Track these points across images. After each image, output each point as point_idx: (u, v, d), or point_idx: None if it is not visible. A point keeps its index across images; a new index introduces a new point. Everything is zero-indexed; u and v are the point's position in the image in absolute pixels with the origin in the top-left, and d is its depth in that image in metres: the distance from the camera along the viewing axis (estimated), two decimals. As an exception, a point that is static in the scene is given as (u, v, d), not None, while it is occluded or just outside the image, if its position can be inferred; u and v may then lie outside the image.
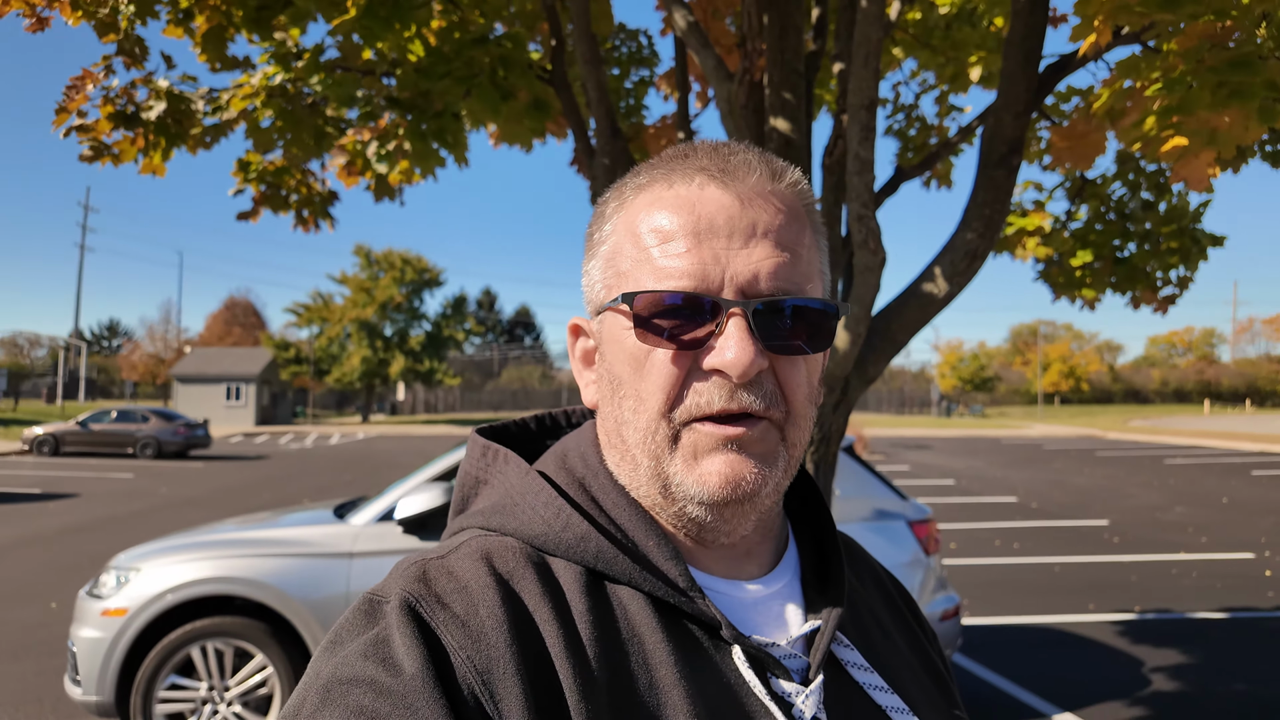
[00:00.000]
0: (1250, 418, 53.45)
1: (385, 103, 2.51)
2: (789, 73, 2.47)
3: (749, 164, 0.66)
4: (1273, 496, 15.14)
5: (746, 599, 0.68)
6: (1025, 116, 2.15)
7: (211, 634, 4.01)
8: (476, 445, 0.76)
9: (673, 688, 0.59)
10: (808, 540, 0.78)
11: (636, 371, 0.64)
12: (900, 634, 0.80)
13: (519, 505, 0.68)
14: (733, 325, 0.61)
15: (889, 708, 0.68)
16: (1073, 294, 3.49)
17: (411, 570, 0.63)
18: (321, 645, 0.61)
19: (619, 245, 0.67)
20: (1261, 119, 1.64)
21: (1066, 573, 8.76)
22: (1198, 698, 5.11)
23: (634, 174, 0.70)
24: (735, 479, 0.62)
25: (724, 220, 0.63)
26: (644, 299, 0.62)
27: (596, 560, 0.64)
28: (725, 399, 0.61)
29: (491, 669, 0.56)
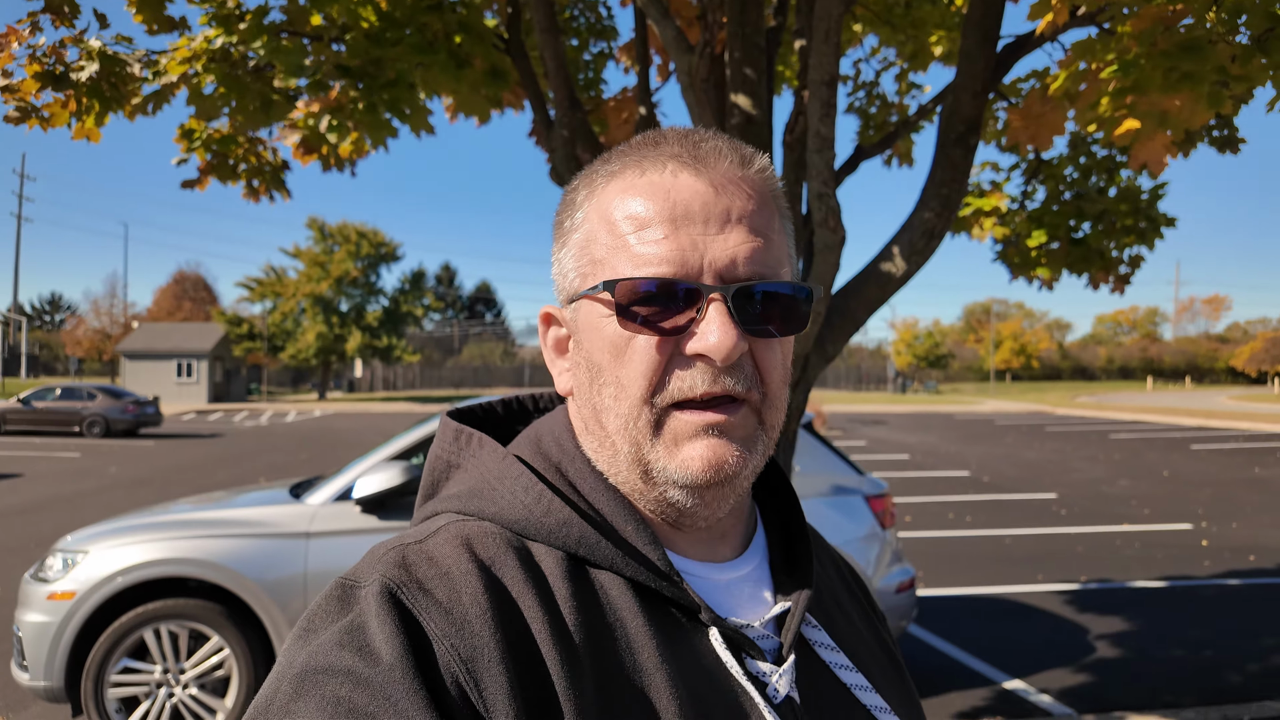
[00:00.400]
0: (1190, 394, 55.45)
1: (335, 71, 2.42)
2: (750, 47, 2.46)
3: (720, 151, 0.66)
4: (1210, 470, 15.75)
5: (720, 581, 0.69)
6: (983, 96, 2.17)
7: (165, 616, 3.93)
8: (448, 428, 0.75)
9: (655, 670, 0.60)
10: (774, 523, 0.79)
11: (617, 358, 0.65)
12: (858, 616, 0.82)
13: (497, 490, 0.67)
14: (714, 310, 0.62)
15: (854, 686, 0.70)
16: (1029, 274, 3.57)
17: (390, 555, 0.61)
18: (293, 633, 0.59)
19: (592, 233, 0.67)
20: (1210, 103, 1.68)
21: (1016, 544, 9.02)
22: (1137, 662, 5.32)
23: (603, 161, 0.70)
24: (718, 463, 0.63)
25: (699, 206, 0.63)
26: (625, 286, 0.62)
27: (579, 545, 0.64)
28: (708, 382, 0.62)
29: (476, 657, 0.55)
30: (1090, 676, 5.07)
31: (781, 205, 0.70)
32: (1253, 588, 7.21)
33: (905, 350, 66.59)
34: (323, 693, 0.53)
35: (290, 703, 0.53)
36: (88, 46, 2.45)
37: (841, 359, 68.98)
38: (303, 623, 0.60)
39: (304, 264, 45.49)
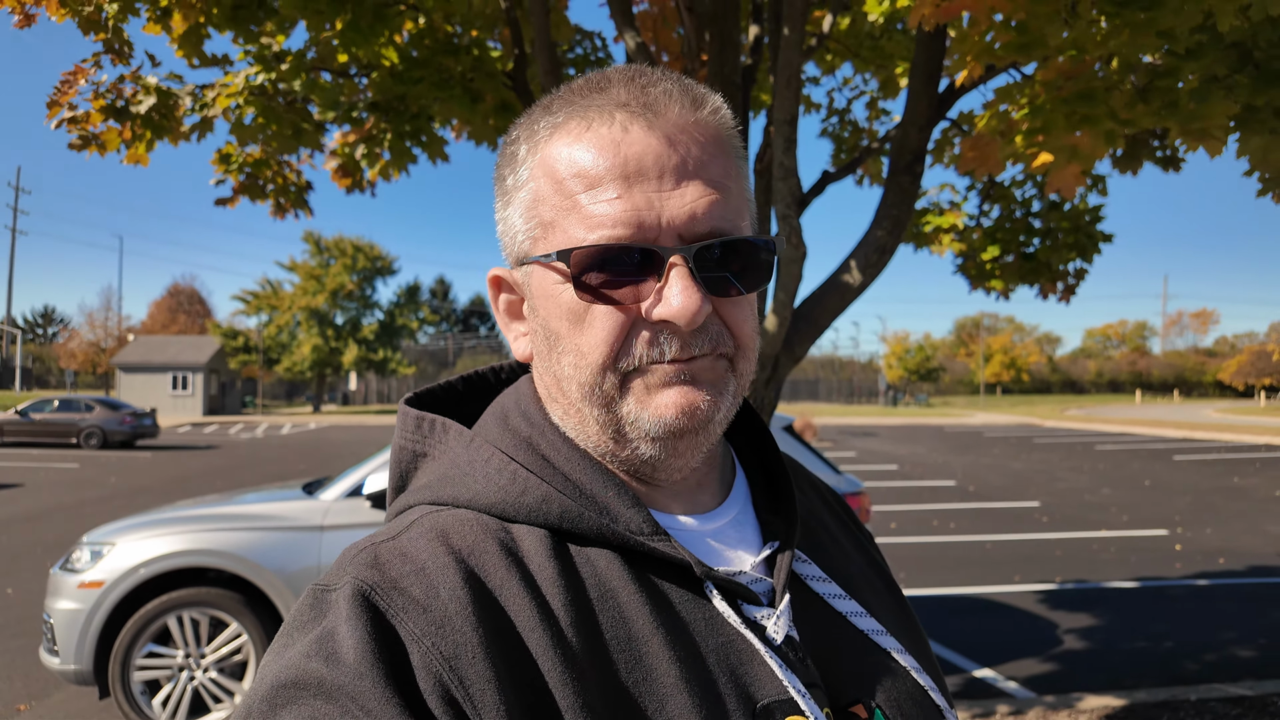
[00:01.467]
0: (1178, 406, 55.98)
1: (366, 108, 2.74)
2: (727, 85, 2.79)
3: (670, 94, 0.62)
4: (1190, 479, 16.09)
5: (706, 531, 0.68)
6: (927, 130, 2.50)
7: (187, 604, 4.21)
8: (409, 417, 0.72)
9: (651, 636, 0.59)
10: (752, 464, 0.78)
11: (576, 325, 0.62)
12: (845, 539, 0.81)
13: (469, 475, 0.65)
14: (675, 273, 0.59)
15: (849, 613, 0.70)
16: (986, 285, 3.90)
17: (361, 556, 0.59)
18: (271, 645, 0.58)
19: (539, 192, 0.63)
20: (1107, 141, 2.01)
21: (997, 549, 9.32)
22: (1102, 652, 5.63)
23: (544, 109, 0.66)
24: (690, 407, 0.61)
25: (652, 161, 0.60)
26: (579, 255, 0.60)
27: (561, 520, 0.62)
28: (676, 349, 0.61)
29: (459, 654, 0.54)
30: (1056, 665, 5.37)
31: (736, 147, 0.66)
32: (1219, 587, 7.52)
33: (897, 364, 67.12)
34: (295, 709, 0.52)
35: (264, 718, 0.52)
36: (145, 83, 2.77)
37: (833, 372, 69.42)
38: (280, 634, 0.58)
39: (300, 277, 45.79)
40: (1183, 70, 2.00)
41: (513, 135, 0.68)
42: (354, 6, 2.44)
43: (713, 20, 2.81)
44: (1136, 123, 2.03)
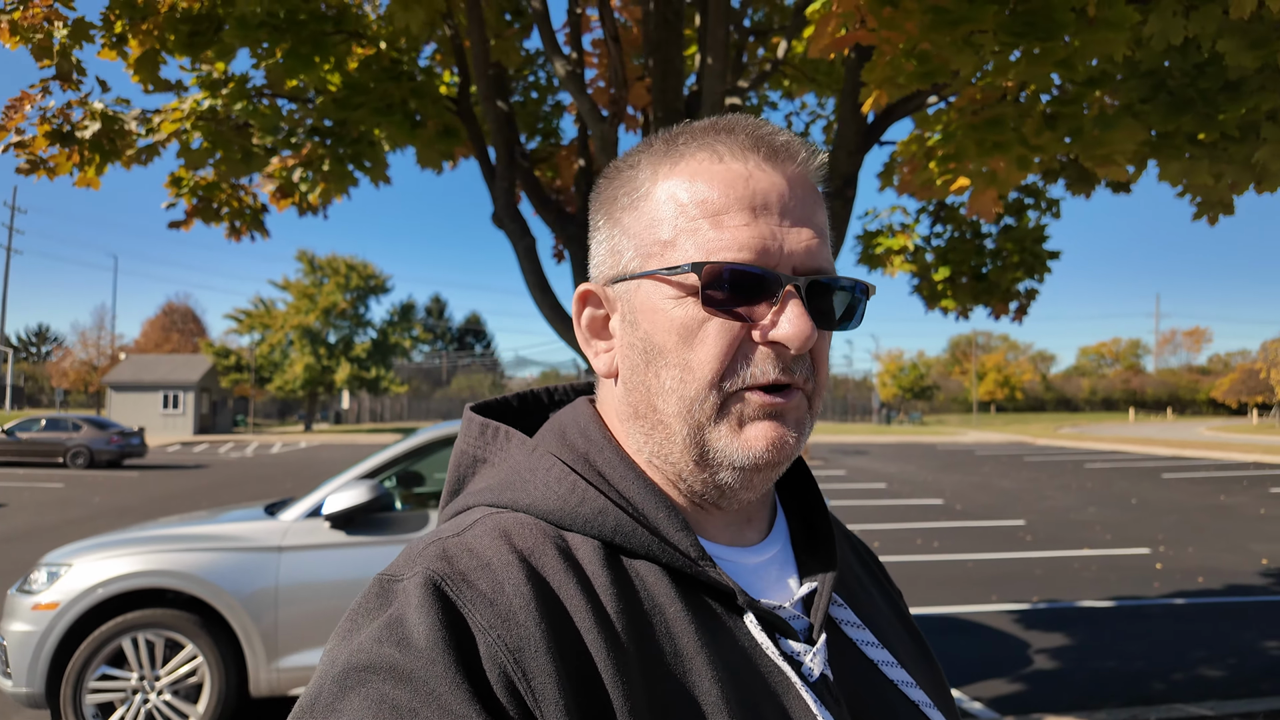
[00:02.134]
0: (1170, 425, 56.08)
1: (306, 132, 2.78)
2: (670, 111, 2.83)
3: (791, 146, 0.68)
4: (1177, 497, 16.10)
5: (750, 564, 0.71)
6: (857, 155, 2.54)
7: (143, 626, 4.18)
8: (474, 423, 0.76)
9: (695, 654, 0.61)
10: (793, 507, 0.81)
11: (686, 341, 0.65)
12: (876, 592, 0.84)
13: (529, 481, 0.68)
14: (792, 300, 0.63)
15: (880, 662, 0.72)
16: (941, 305, 3.94)
17: (431, 549, 0.62)
18: (336, 632, 0.60)
19: (660, 213, 0.67)
20: (1019, 167, 2.04)
21: (978, 568, 9.31)
22: (1071, 672, 5.61)
23: (667, 142, 0.70)
24: (779, 443, 0.64)
25: (776, 198, 0.64)
26: (712, 268, 0.63)
27: (615, 534, 0.64)
28: (779, 371, 0.64)
29: (523, 648, 0.55)
30: (1023, 685, 5.35)
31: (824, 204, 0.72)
32: (1195, 606, 7.51)
33: (891, 382, 67.20)
34: (365, 690, 0.53)
35: (334, 701, 0.53)
36: (91, 108, 2.80)
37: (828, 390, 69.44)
38: (345, 621, 0.60)
39: (293, 296, 45.81)
40: (1085, 98, 2.04)
41: (631, 161, 0.71)
42: (293, 35, 2.49)
43: (656, 48, 2.85)
44: (1046, 149, 2.07)
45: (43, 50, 2.98)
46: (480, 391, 69.39)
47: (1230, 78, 2.10)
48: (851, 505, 14.57)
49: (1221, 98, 2.14)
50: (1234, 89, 2.13)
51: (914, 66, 1.87)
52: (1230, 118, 2.12)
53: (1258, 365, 51.51)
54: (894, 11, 1.74)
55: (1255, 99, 2.11)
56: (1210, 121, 2.15)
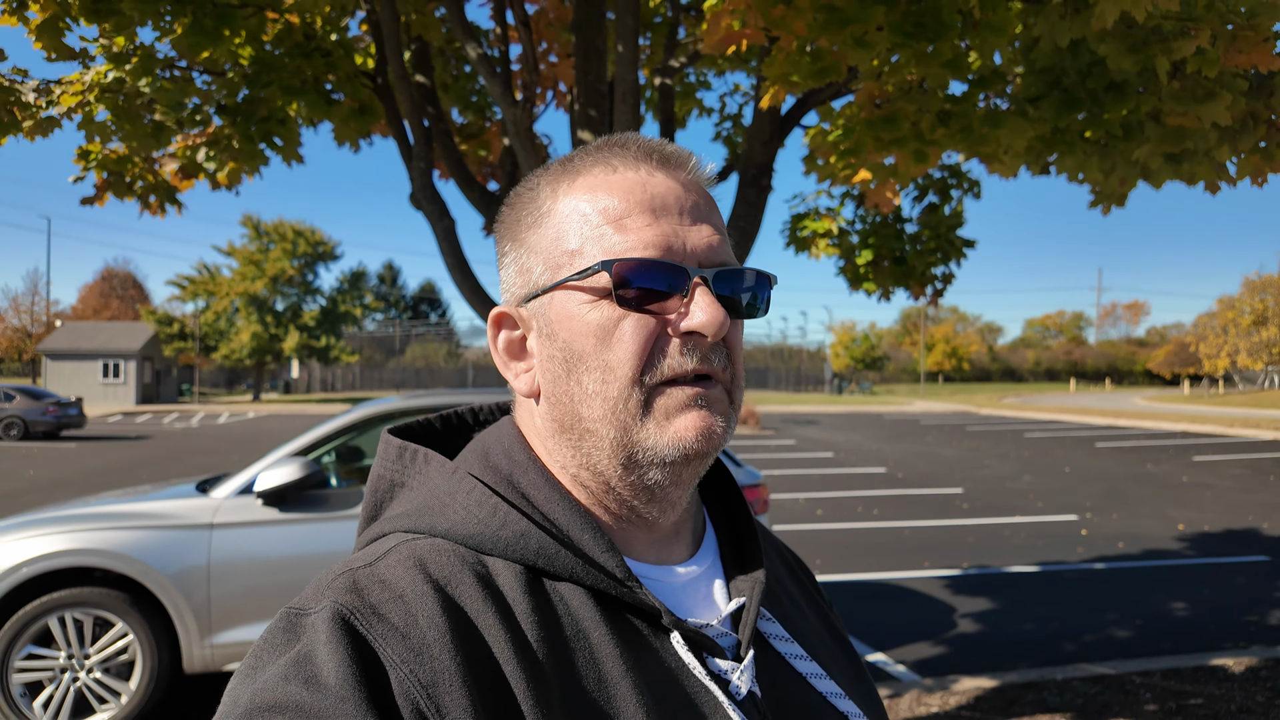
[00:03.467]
0: (1108, 395, 58.15)
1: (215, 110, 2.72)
2: (593, 94, 2.85)
3: (681, 156, 0.71)
4: (1108, 465, 16.78)
5: (677, 582, 0.71)
6: (771, 145, 2.60)
7: (70, 604, 4.14)
8: (391, 446, 0.74)
9: (620, 679, 0.60)
10: (721, 521, 0.81)
11: (603, 342, 0.65)
12: (806, 604, 0.84)
13: (448, 505, 0.66)
14: (700, 291, 0.65)
15: (809, 674, 0.72)
16: (864, 287, 4.05)
17: (339, 581, 0.60)
18: (240, 667, 0.58)
19: (563, 227, 0.68)
20: (916, 160, 2.12)
21: (914, 535, 9.63)
22: (991, 635, 5.89)
23: (563, 163, 0.72)
24: (708, 431, 0.65)
25: (674, 200, 0.67)
26: (622, 265, 0.64)
27: (538, 557, 0.64)
28: (697, 360, 0.65)
29: (437, 682, 0.54)
30: (945, 649, 5.61)
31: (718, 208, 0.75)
32: (1113, 570, 7.90)
33: (843, 352, 68.30)
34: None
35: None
36: (-17, 79, 2.71)
37: (781, 360, 70.33)
38: (249, 657, 0.58)
39: (238, 262, 44.54)
40: (975, 97, 2.13)
41: (530, 184, 0.73)
42: (194, 8, 2.42)
43: (578, 29, 2.86)
44: (941, 144, 2.16)
45: (-66, 17, 2.86)
46: (435, 361, 68.64)
47: (1115, 79, 2.20)
48: (799, 474, 14.89)
49: (1107, 98, 2.24)
50: (1118, 90, 2.23)
51: (809, 64, 1.93)
52: (1114, 117, 2.23)
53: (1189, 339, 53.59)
54: (785, 10, 1.78)
55: (1136, 100, 2.21)
56: (1097, 120, 2.25)
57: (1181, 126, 2.19)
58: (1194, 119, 2.09)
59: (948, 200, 4.17)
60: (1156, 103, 2.17)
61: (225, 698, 0.56)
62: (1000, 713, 4.26)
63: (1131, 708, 4.34)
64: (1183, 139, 2.22)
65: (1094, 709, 4.32)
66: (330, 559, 4.28)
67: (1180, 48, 1.84)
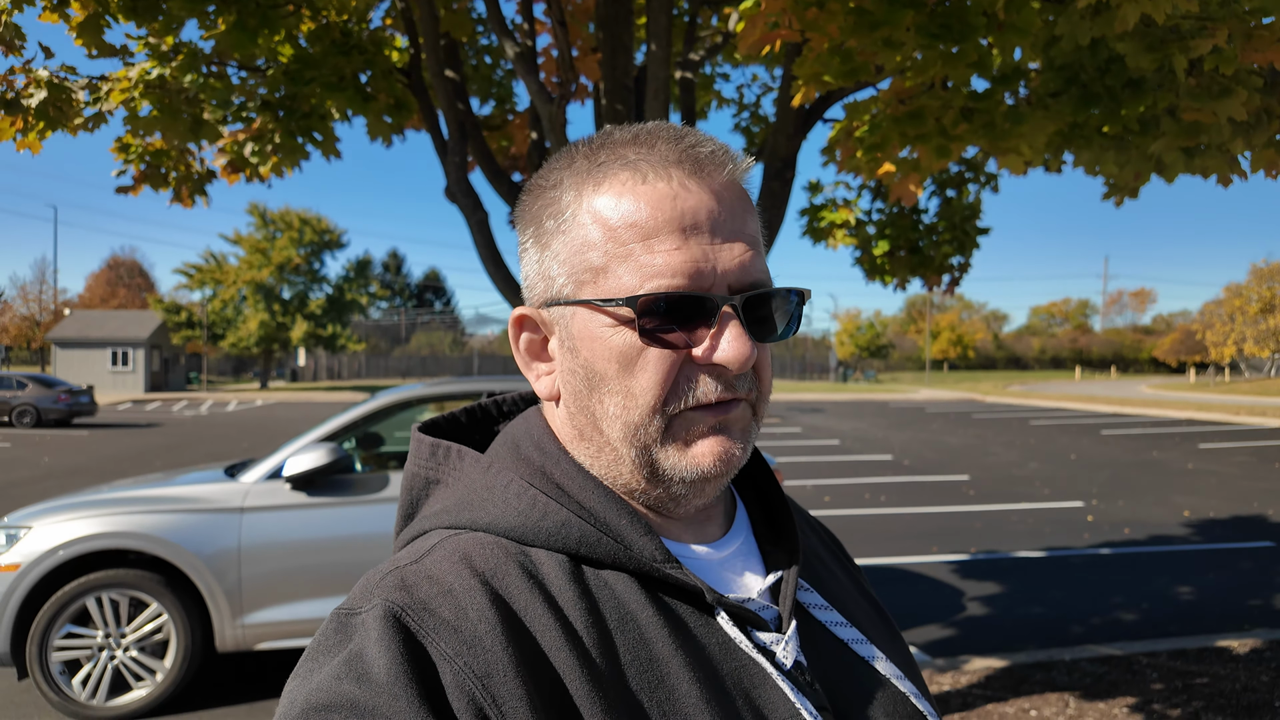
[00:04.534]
0: (1114, 383, 58.09)
1: (258, 106, 2.81)
2: (619, 89, 2.92)
3: (716, 157, 0.67)
4: (1113, 453, 16.84)
5: (714, 560, 0.72)
6: (796, 138, 2.68)
7: (106, 585, 4.27)
8: (423, 444, 0.75)
9: (670, 658, 0.61)
10: (752, 498, 0.82)
11: (626, 369, 0.64)
12: (840, 572, 0.85)
13: (487, 500, 0.67)
14: (729, 321, 0.64)
15: (850, 640, 0.74)
16: (880, 277, 4.14)
17: (388, 580, 0.61)
18: (295, 670, 0.59)
19: (588, 238, 0.66)
20: (939, 155, 2.20)
21: (920, 521, 9.73)
22: (1000, 618, 6.00)
23: (588, 158, 0.69)
24: (726, 456, 0.65)
25: (705, 216, 0.64)
26: (646, 300, 0.62)
27: (579, 545, 0.65)
28: (722, 390, 0.64)
29: (491, 673, 0.55)
30: (954, 631, 5.72)
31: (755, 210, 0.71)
32: (1119, 556, 8.00)
33: (848, 340, 68.31)
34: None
35: None
36: (37, 76, 2.79)
37: (786, 348, 70.39)
38: (304, 659, 0.59)
39: (245, 251, 44.67)
40: (998, 94, 2.20)
41: (553, 179, 0.70)
42: (239, 7, 2.51)
43: (605, 24, 2.93)
44: (964, 140, 2.24)
45: (-15, 15, 2.95)
46: (440, 349, 68.81)
47: (1132, 76, 2.27)
48: (806, 461, 14.99)
49: (1125, 94, 2.31)
50: (1136, 87, 2.30)
51: (839, 64, 2.01)
52: (1131, 113, 2.30)
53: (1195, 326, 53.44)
54: (818, 13, 1.86)
55: (1153, 97, 2.29)
56: (1114, 116, 2.33)
57: (1197, 121, 2.26)
58: (1210, 114, 2.17)
59: (965, 195, 4.24)
60: (1173, 98, 2.24)
61: (282, 699, 0.57)
62: (1010, 691, 4.37)
63: (1139, 687, 4.44)
64: (1198, 134, 2.30)
65: (1102, 688, 4.42)
66: (358, 542, 4.40)
67: (1198, 46, 1.92)
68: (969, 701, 4.25)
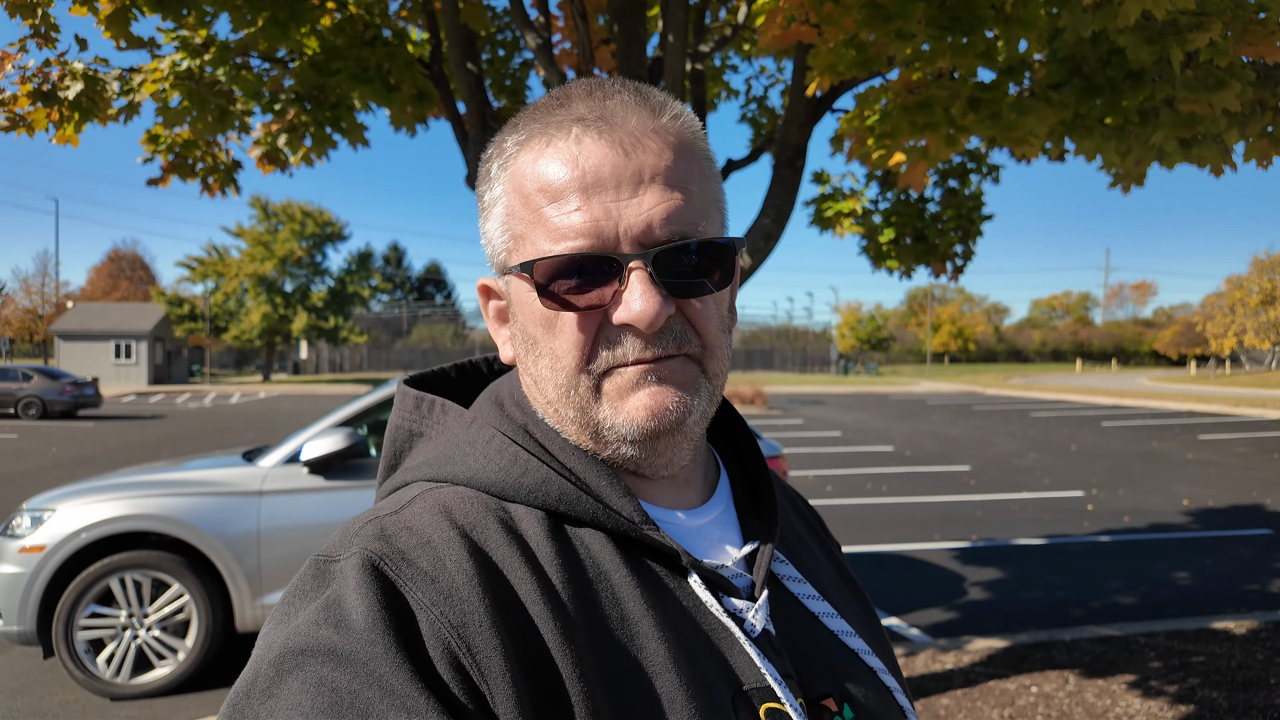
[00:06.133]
0: (1114, 375, 58.14)
1: (287, 97, 2.90)
2: (632, 78, 3.00)
3: (627, 105, 0.65)
4: (1114, 444, 16.94)
5: (692, 526, 0.72)
6: (807, 127, 2.76)
7: (129, 566, 4.38)
8: (408, 397, 0.75)
9: (641, 618, 0.62)
10: (735, 467, 0.82)
11: (549, 331, 0.65)
12: (816, 547, 0.86)
13: (469, 454, 0.67)
14: (635, 278, 0.62)
15: (821, 614, 0.74)
16: (886, 265, 4.23)
17: (368, 529, 0.61)
18: (272, 615, 0.59)
19: (510, 206, 0.67)
20: (948, 144, 2.29)
21: (922, 509, 9.84)
22: (1001, 602, 6.11)
23: (512, 128, 0.69)
24: (659, 409, 0.64)
25: (609, 171, 0.62)
26: (541, 266, 0.63)
27: (559, 503, 0.65)
28: (639, 349, 0.63)
29: (467, 623, 0.55)
30: (956, 614, 5.83)
31: (702, 149, 0.69)
32: (1119, 543, 8.11)
33: (849, 333, 68.37)
34: (304, 674, 0.52)
35: (271, 686, 0.53)
36: (72, 68, 2.88)
37: (787, 341, 70.49)
38: (280, 604, 0.59)
39: (247, 243, 44.74)
40: (1004, 84, 2.29)
41: (487, 154, 0.71)
42: (272, 3, 2.59)
43: (620, 16, 3.01)
44: (971, 129, 2.32)
45: (19, 7, 3.03)
46: (442, 342, 68.94)
47: (1132, 68, 2.36)
48: (807, 452, 15.10)
49: (1125, 85, 2.40)
50: (1136, 78, 2.39)
51: (853, 55, 2.10)
52: (1132, 104, 2.39)
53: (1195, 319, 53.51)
54: (834, 7, 1.95)
55: (1152, 88, 2.37)
56: (1116, 107, 2.41)
57: (1194, 113, 2.35)
58: (1205, 106, 2.25)
59: (967, 184, 4.32)
60: (1171, 90, 2.33)
61: (258, 643, 0.57)
62: (1011, 669, 4.48)
63: (1137, 664, 4.55)
64: (1194, 124, 2.38)
65: (1101, 666, 4.53)
66: (374, 524, 4.51)
67: (1194, 39, 2.00)
68: (971, 679, 4.36)
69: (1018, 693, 4.18)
